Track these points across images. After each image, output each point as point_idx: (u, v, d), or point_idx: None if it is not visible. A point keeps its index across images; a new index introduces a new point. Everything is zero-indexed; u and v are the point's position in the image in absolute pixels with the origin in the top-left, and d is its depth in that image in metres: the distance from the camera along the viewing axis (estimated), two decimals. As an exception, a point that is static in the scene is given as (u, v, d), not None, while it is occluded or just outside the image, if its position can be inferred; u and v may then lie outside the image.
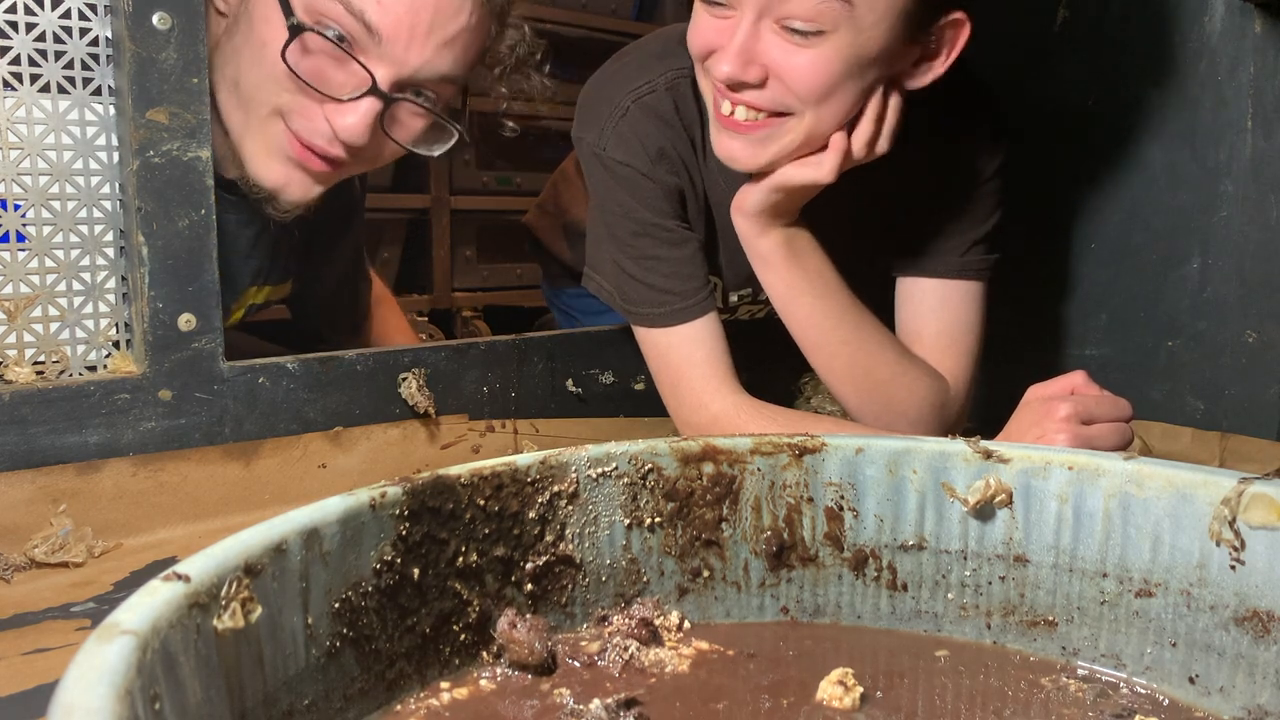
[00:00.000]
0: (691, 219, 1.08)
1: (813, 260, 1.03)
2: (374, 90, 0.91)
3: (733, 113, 0.94)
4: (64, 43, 0.79)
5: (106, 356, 0.83)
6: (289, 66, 0.89)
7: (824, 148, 0.95)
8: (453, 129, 0.99)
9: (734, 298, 1.21)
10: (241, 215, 1.04)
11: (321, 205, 1.04)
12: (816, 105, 0.92)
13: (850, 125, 0.96)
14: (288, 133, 0.94)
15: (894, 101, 0.97)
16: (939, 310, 1.11)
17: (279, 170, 0.95)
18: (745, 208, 1.01)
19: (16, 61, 0.78)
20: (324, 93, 0.91)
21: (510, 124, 1.13)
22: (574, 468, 0.56)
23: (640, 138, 1.04)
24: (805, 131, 0.94)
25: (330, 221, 1.20)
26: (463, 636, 0.52)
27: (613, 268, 1.05)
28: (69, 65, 0.80)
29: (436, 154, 1.01)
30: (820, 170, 0.95)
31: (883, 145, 0.97)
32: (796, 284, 1.03)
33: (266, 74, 0.91)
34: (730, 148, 0.97)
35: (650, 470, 0.58)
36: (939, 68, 0.96)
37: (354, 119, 0.91)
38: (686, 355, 1.03)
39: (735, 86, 0.92)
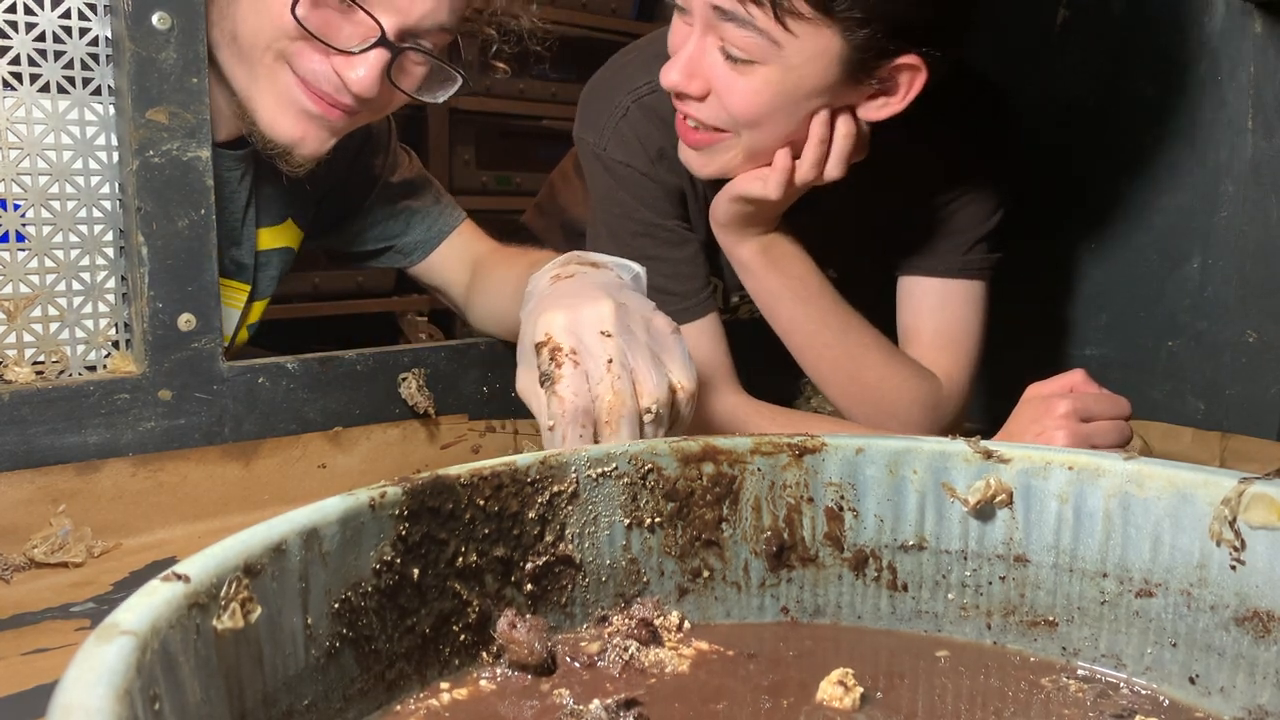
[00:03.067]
0: (693, 219, 1.08)
1: (794, 266, 1.04)
2: (382, 40, 0.91)
3: (684, 118, 0.96)
4: (64, 43, 0.79)
5: (106, 356, 0.83)
6: (299, 22, 0.88)
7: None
8: (456, 74, 0.99)
9: (735, 298, 1.21)
10: (239, 168, 1.04)
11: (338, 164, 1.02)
12: (750, 128, 0.93)
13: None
14: (299, 83, 0.93)
15: (844, 129, 0.95)
16: (939, 309, 1.12)
17: (293, 125, 0.94)
18: (716, 217, 1.02)
19: (16, 61, 0.78)
20: (333, 46, 0.91)
21: (502, 66, 1.12)
22: (574, 468, 0.56)
23: (640, 138, 1.04)
24: (743, 150, 0.95)
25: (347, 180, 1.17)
26: (462, 637, 0.52)
27: None
28: (69, 65, 0.80)
29: (441, 100, 1.01)
30: (766, 187, 0.96)
31: (832, 169, 0.97)
32: (775, 290, 1.04)
33: (266, 22, 0.90)
34: (685, 154, 1.00)
35: (650, 470, 0.58)
36: (896, 105, 0.95)
37: (364, 71, 0.91)
38: None
39: (679, 96, 0.94)
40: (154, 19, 0.79)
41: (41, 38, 0.78)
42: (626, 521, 0.57)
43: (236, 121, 0.98)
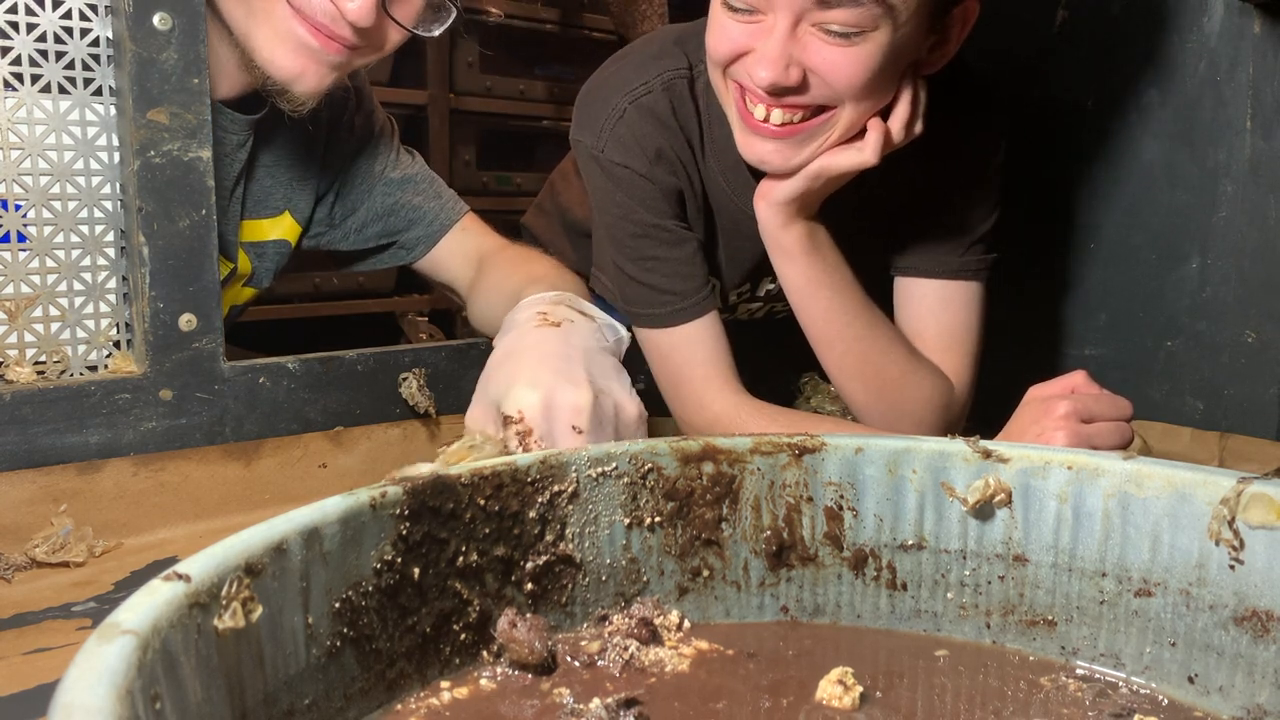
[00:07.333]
0: (691, 219, 1.08)
1: (831, 255, 1.04)
2: None
3: (767, 118, 0.93)
4: (65, 43, 0.79)
5: (107, 356, 0.83)
6: None
7: (861, 134, 0.96)
8: (450, 6, 0.99)
9: (732, 296, 1.21)
10: (239, 132, 1.04)
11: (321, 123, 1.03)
12: (857, 100, 0.92)
13: (883, 112, 0.96)
14: (294, 15, 0.93)
15: (920, 85, 0.98)
16: (939, 311, 1.12)
17: (292, 59, 0.94)
18: (774, 196, 0.99)
19: (17, 62, 0.78)
20: None
21: (494, 9, 1.13)
22: (574, 467, 0.56)
23: (638, 139, 1.04)
24: (844, 125, 0.94)
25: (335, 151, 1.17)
26: (463, 636, 0.52)
27: (613, 269, 1.05)
28: (70, 66, 0.80)
29: (436, 33, 1.01)
30: (863, 154, 0.95)
31: (918, 127, 0.98)
32: (817, 277, 1.03)
33: None
34: (761, 151, 0.96)
35: (650, 470, 0.58)
36: (951, 50, 0.97)
37: (360, 0, 0.92)
38: (687, 356, 1.03)
39: (777, 92, 0.91)
40: (155, 20, 0.79)
41: (43, 38, 0.79)
42: (626, 521, 0.58)
43: (238, 75, 0.98)
